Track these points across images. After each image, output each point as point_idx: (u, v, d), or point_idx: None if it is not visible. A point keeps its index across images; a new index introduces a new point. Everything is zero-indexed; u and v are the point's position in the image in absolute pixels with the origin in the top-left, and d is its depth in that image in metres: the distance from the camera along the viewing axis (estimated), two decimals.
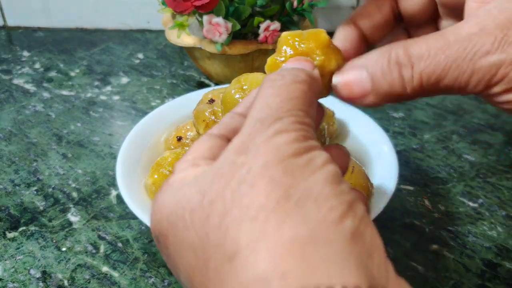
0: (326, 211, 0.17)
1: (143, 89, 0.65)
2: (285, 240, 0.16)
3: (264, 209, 0.17)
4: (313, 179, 0.18)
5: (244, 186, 0.18)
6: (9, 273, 0.40)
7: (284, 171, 0.18)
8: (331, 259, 0.16)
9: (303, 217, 0.17)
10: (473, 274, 0.39)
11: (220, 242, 0.17)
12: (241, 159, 0.19)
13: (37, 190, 0.48)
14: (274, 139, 0.19)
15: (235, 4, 0.55)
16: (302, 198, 0.17)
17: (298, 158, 0.18)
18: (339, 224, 0.17)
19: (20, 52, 0.75)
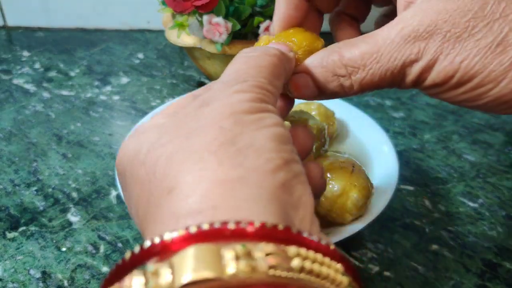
0: (264, 161, 0.19)
1: (143, 89, 0.65)
2: (219, 178, 0.18)
3: (207, 150, 0.19)
4: (260, 133, 0.20)
5: (196, 132, 0.20)
6: (9, 273, 0.40)
7: (234, 122, 0.20)
8: (257, 200, 0.18)
9: (241, 161, 0.18)
10: (473, 274, 0.39)
11: (163, 178, 0.19)
12: (201, 110, 0.21)
13: (37, 190, 0.48)
14: (232, 96, 0.21)
15: (235, 4, 0.55)
16: (244, 146, 0.19)
17: (250, 115, 0.20)
18: (272, 173, 0.19)
19: (20, 52, 0.75)
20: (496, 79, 0.23)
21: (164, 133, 0.20)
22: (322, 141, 0.42)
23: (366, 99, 0.63)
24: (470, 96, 0.24)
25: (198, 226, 0.16)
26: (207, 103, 0.21)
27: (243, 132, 0.19)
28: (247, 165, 0.18)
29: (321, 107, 0.48)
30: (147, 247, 0.17)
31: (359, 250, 0.41)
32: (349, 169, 0.38)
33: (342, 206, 0.37)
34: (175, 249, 0.16)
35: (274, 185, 0.18)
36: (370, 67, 0.25)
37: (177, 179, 0.18)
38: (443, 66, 0.23)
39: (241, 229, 0.16)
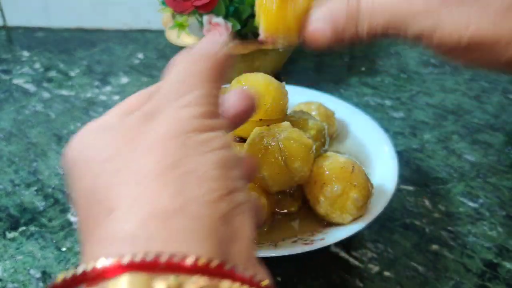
0: (205, 190, 0.18)
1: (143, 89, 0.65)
2: (158, 207, 0.18)
3: (149, 174, 0.18)
4: (205, 158, 0.19)
5: (140, 150, 0.19)
6: (9, 273, 0.40)
7: (180, 144, 0.19)
8: (194, 232, 0.18)
9: (182, 189, 0.18)
10: (473, 274, 0.39)
11: (105, 196, 0.19)
12: (146, 123, 0.20)
13: (37, 190, 0.48)
14: (180, 111, 0.20)
15: (235, 4, 0.55)
16: (187, 172, 0.18)
17: (197, 135, 0.20)
18: (213, 204, 0.18)
19: (20, 52, 0.75)
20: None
21: (110, 143, 0.20)
22: (322, 141, 0.42)
23: (366, 99, 0.63)
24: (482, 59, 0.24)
25: (132, 255, 0.16)
26: (153, 116, 0.20)
27: (188, 155, 0.19)
28: (187, 194, 0.18)
29: (321, 107, 0.48)
30: (80, 273, 0.16)
31: (359, 250, 0.41)
32: (349, 169, 0.38)
33: (342, 206, 0.37)
34: (108, 277, 0.16)
35: (213, 217, 0.18)
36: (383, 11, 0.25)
37: (117, 201, 0.18)
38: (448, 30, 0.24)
39: (174, 263, 0.16)
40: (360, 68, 0.71)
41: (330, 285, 0.38)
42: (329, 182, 0.37)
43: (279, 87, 0.39)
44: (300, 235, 0.39)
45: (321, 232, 0.38)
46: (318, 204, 0.38)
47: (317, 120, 0.43)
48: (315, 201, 0.38)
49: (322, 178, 0.38)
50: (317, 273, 0.39)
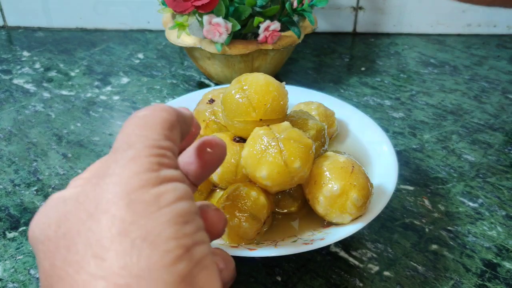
0: (161, 254, 0.17)
1: (143, 89, 0.65)
2: (115, 281, 0.17)
3: (102, 247, 0.17)
4: (156, 218, 0.18)
5: (92, 218, 0.18)
6: (9, 273, 0.40)
7: (127, 207, 0.18)
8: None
9: (137, 258, 0.17)
10: (473, 274, 0.39)
11: (62, 276, 0.18)
12: (97, 188, 0.19)
13: (37, 190, 0.48)
14: (124, 169, 0.19)
15: (235, 4, 0.55)
16: (139, 238, 0.18)
17: (146, 193, 0.18)
18: (170, 267, 0.17)
19: (20, 52, 0.75)
20: None
21: (64, 220, 0.19)
22: (322, 141, 0.42)
23: (366, 99, 0.63)
24: None
25: None
26: (102, 178, 0.19)
27: (137, 219, 0.18)
28: (142, 263, 0.17)
29: (321, 107, 0.48)
30: None
31: (359, 250, 0.41)
32: (349, 169, 0.38)
33: (342, 206, 0.37)
34: None
35: (174, 281, 0.17)
36: None
37: (75, 281, 0.18)
38: None
39: None
40: (360, 68, 0.71)
41: (330, 285, 0.38)
42: (329, 182, 0.37)
43: (279, 87, 0.39)
44: (300, 235, 0.39)
45: (321, 232, 0.38)
46: (318, 204, 0.38)
47: (317, 120, 0.43)
48: (315, 201, 0.38)
49: (322, 178, 0.38)
50: (317, 273, 0.39)
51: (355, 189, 0.37)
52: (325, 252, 0.41)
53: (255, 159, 0.37)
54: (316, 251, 0.41)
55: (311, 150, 0.38)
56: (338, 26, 0.80)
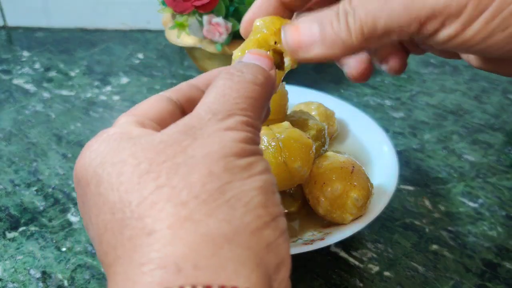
0: (252, 218, 0.18)
1: (143, 89, 0.65)
2: (205, 233, 0.17)
3: (196, 198, 0.17)
4: (250, 183, 0.18)
5: (182, 169, 0.18)
6: (9, 273, 0.40)
7: (225, 168, 0.18)
8: (244, 262, 0.17)
9: (230, 216, 0.17)
10: (473, 274, 0.39)
11: (143, 214, 0.17)
12: (187, 142, 0.19)
13: (37, 190, 0.48)
14: (223, 133, 0.19)
15: (235, 4, 0.55)
16: (234, 198, 0.18)
17: (241, 159, 0.19)
18: (260, 232, 0.18)
19: (20, 52, 0.75)
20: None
21: (144, 158, 0.18)
22: (322, 141, 0.42)
23: (366, 99, 0.63)
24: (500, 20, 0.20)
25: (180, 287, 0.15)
26: (194, 134, 0.19)
27: (233, 180, 0.18)
28: (236, 222, 0.17)
29: (321, 107, 0.48)
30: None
31: (359, 250, 0.41)
32: (349, 169, 0.38)
33: (342, 206, 0.37)
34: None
35: (261, 246, 0.18)
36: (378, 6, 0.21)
37: (158, 224, 0.17)
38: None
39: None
40: None
41: (330, 285, 0.38)
42: (329, 182, 0.37)
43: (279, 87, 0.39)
44: (300, 235, 0.39)
45: (321, 232, 0.38)
46: (318, 204, 0.38)
47: (317, 120, 0.43)
48: (315, 201, 0.38)
49: (322, 178, 0.38)
50: (317, 273, 0.39)
51: (355, 189, 0.37)
52: (325, 252, 0.41)
53: None
54: (316, 251, 0.41)
55: (311, 150, 0.38)
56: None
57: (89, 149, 0.20)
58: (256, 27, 0.26)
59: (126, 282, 0.16)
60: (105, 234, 0.18)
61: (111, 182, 0.18)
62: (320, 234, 0.38)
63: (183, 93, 0.24)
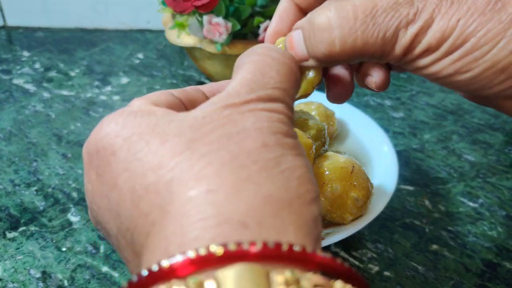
0: (304, 190, 0.18)
1: (143, 89, 0.65)
2: (267, 195, 0.17)
3: (254, 163, 0.18)
4: (299, 159, 0.19)
5: (236, 138, 0.18)
6: (9, 273, 0.40)
7: (277, 142, 0.19)
8: (301, 227, 0.17)
9: (287, 185, 0.18)
10: (473, 274, 0.39)
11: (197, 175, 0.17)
12: (234, 116, 0.19)
13: (37, 190, 0.48)
14: (270, 114, 0.20)
15: (235, 4, 0.55)
16: (288, 170, 0.18)
17: (288, 138, 0.20)
18: (310, 205, 0.18)
19: (20, 52, 0.75)
20: (494, 39, 0.20)
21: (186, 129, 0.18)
22: (322, 141, 0.42)
23: (366, 99, 0.63)
24: (463, 64, 0.22)
25: (250, 243, 0.15)
26: (240, 111, 0.19)
27: (285, 154, 0.19)
28: (292, 191, 0.18)
29: (321, 107, 0.48)
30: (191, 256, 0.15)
31: (359, 250, 0.41)
32: (349, 169, 0.38)
33: (342, 206, 0.37)
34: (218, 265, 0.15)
35: (311, 217, 0.18)
36: (363, 23, 0.22)
37: (214, 183, 0.17)
38: (439, 26, 0.21)
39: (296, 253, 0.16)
40: None
41: None
42: (329, 182, 0.37)
43: None
44: None
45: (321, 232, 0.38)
46: None
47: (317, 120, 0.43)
48: None
49: (322, 178, 0.38)
50: None
51: (355, 189, 0.37)
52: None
53: None
54: None
55: (311, 150, 0.38)
56: None
57: (113, 122, 0.20)
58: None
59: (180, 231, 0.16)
60: (146, 196, 0.18)
61: (153, 149, 0.18)
62: None
63: (187, 93, 0.24)
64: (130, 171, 0.18)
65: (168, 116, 0.19)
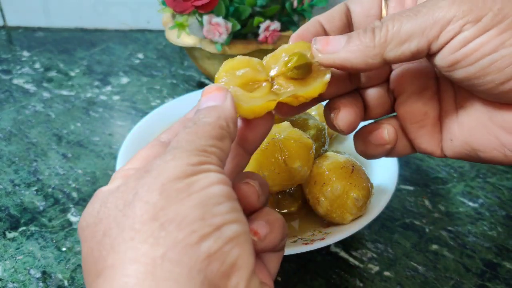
0: (186, 234, 0.19)
1: (143, 89, 0.65)
2: (140, 259, 0.18)
3: (133, 230, 0.19)
4: (185, 203, 0.19)
5: (126, 208, 0.20)
6: (9, 273, 0.40)
7: (160, 194, 0.19)
8: (176, 279, 0.18)
9: (161, 239, 0.19)
10: (473, 274, 0.39)
11: (95, 259, 0.20)
12: (135, 183, 0.20)
13: (37, 190, 0.48)
14: (167, 163, 0.20)
15: (235, 4, 0.55)
16: (167, 221, 0.19)
17: (179, 182, 0.20)
18: (195, 246, 0.19)
19: (20, 52, 0.75)
20: None
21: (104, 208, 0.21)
22: (322, 141, 0.42)
23: None
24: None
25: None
26: (145, 172, 0.21)
27: (167, 205, 0.19)
28: (167, 242, 0.18)
29: (321, 107, 0.48)
30: None
31: (359, 250, 0.41)
32: (349, 169, 0.38)
33: (342, 206, 0.37)
34: None
35: (198, 258, 0.18)
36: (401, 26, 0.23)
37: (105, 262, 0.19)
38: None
39: None
40: None
41: (330, 285, 0.38)
42: (329, 182, 0.37)
43: None
44: (300, 235, 0.39)
45: (321, 232, 0.38)
46: (318, 204, 0.38)
47: (317, 120, 0.43)
48: (315, 201, 0.38)
49: (322, 178, 0.38)
50: (317, 273, 0.39)
51: (355, 189, 0.37)
52: (325, 252, 0.41)
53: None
54: (316, 251, 0.41)
55: (311, 150, 0.38)
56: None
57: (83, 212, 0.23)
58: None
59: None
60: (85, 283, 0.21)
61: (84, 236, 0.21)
62: (320, 234, 0.38)
63: (174, 131, 0.25)
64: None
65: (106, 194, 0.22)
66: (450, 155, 0.27)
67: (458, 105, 0.27)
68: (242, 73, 0.26)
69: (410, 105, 0.27)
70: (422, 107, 0.27)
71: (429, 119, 0.27)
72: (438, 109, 0.27)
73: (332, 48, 0.25)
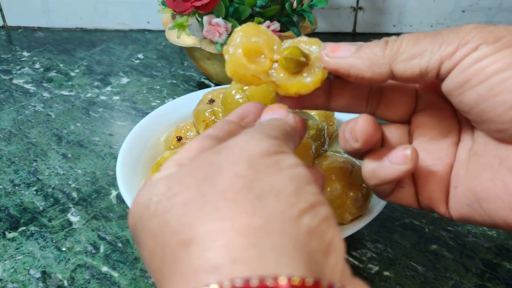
0: (286, 206, 0.18)
1: (143, 89, 0.65)
2: (239, 228, 0.17)
3: (223, 198, 0.18)
4: (278, 177, 0.19)
5: (209, 180, 0.19)
6: (9, 273, 0.40)
7: (249, 167, 0.19)
8: (281, 250, 0.17)
9: (262, 209, 0.17)
10: (473, 274, 0.39)
11: (178, 228, 0.18)
12: (213, 158, 0.20)
13: (37, 190, 0.48)
14: (247, 142, 0.20)
15: (235, 5, 0.56)
16: (263, 192, 0.18)
17: (266, 158, 0.19)
18: (297, 219, 0.18)
19: (20, 52, 0.75)
20: None
21: (176, 183, 0.20)
22: (321, 141, 0.42)
23: None
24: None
25: (219, 285, 0.15)
26: (221, 150, 0.20)
27: (260, 176, 0.18)
28: (269, 212, 0.17)
29: None
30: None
31: (359, 250, 0.41)
32: (349, 169, 0.38)
33: (342, 206, 0.37)
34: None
35: (300, 232, 0.17)
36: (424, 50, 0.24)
37: (194, 230, 0.17)
38: None
39: (265, 286, 0.15)
40: None
41: None
42: (328, 182, 0.37)
43: None
44: None
45: None
46: None
47: (316, 120, 0.43)
48: None
49: None
50: None
51: (355, 189, 0.37)
52: None
53: None
54: None
55: (311, 150, 0.38)
56: (337, 27, 0.80)
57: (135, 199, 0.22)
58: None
59: None
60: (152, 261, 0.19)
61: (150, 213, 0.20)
62: None
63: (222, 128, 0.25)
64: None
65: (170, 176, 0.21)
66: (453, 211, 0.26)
67: (472, 151, 0.26)
68: (255, 41, 0.26)
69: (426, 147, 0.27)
70: (438, 152, 0.27)
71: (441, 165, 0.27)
72: (453, 157, 0.27)
73: (341, 54, 0.25)
